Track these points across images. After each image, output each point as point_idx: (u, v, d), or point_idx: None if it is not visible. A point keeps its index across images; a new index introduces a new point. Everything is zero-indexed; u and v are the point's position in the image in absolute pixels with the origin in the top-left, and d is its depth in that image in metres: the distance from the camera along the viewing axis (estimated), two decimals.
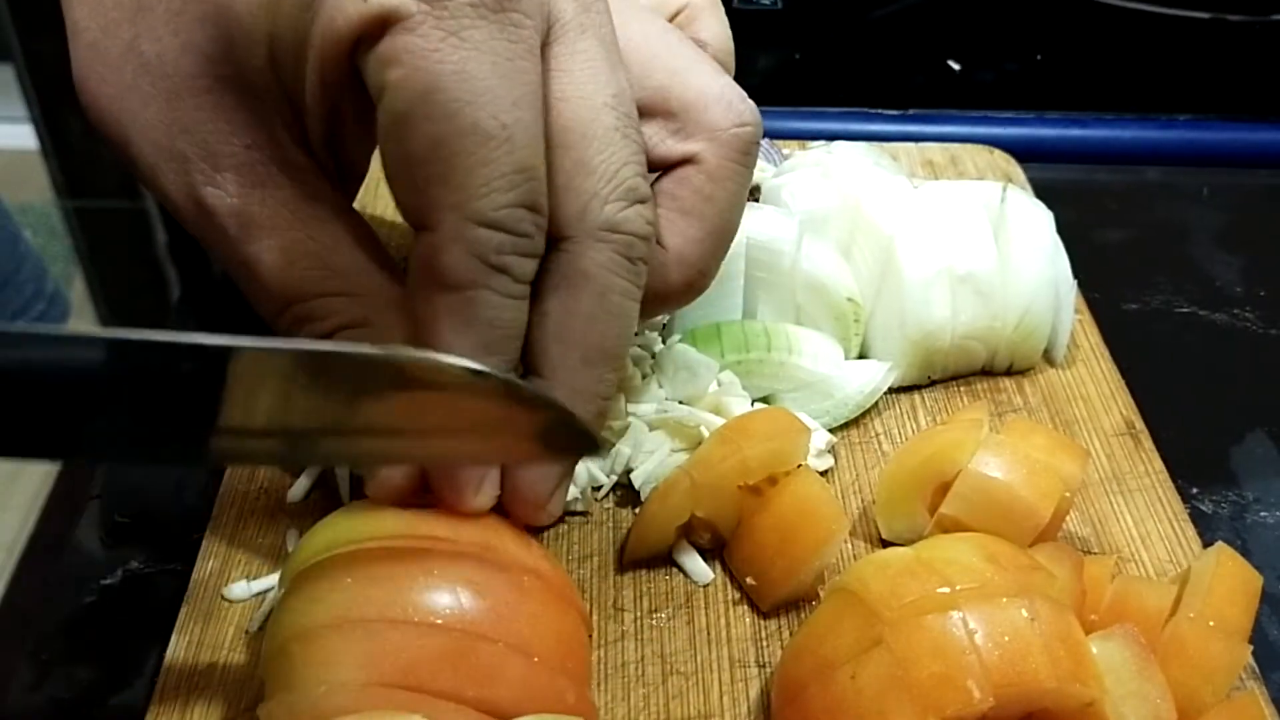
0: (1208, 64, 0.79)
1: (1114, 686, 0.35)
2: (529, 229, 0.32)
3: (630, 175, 0.34)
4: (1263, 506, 0.48)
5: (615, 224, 0.34)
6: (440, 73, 0.30)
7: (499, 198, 0.31)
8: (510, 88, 0.31)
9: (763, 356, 0.47)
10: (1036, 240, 0.50)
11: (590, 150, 0.33)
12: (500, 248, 0.32)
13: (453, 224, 0.31)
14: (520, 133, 0.31)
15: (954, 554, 0.36)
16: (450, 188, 0.31)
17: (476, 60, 0.30)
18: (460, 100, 0.30)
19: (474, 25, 0.30)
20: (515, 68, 0.31)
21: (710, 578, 0.42)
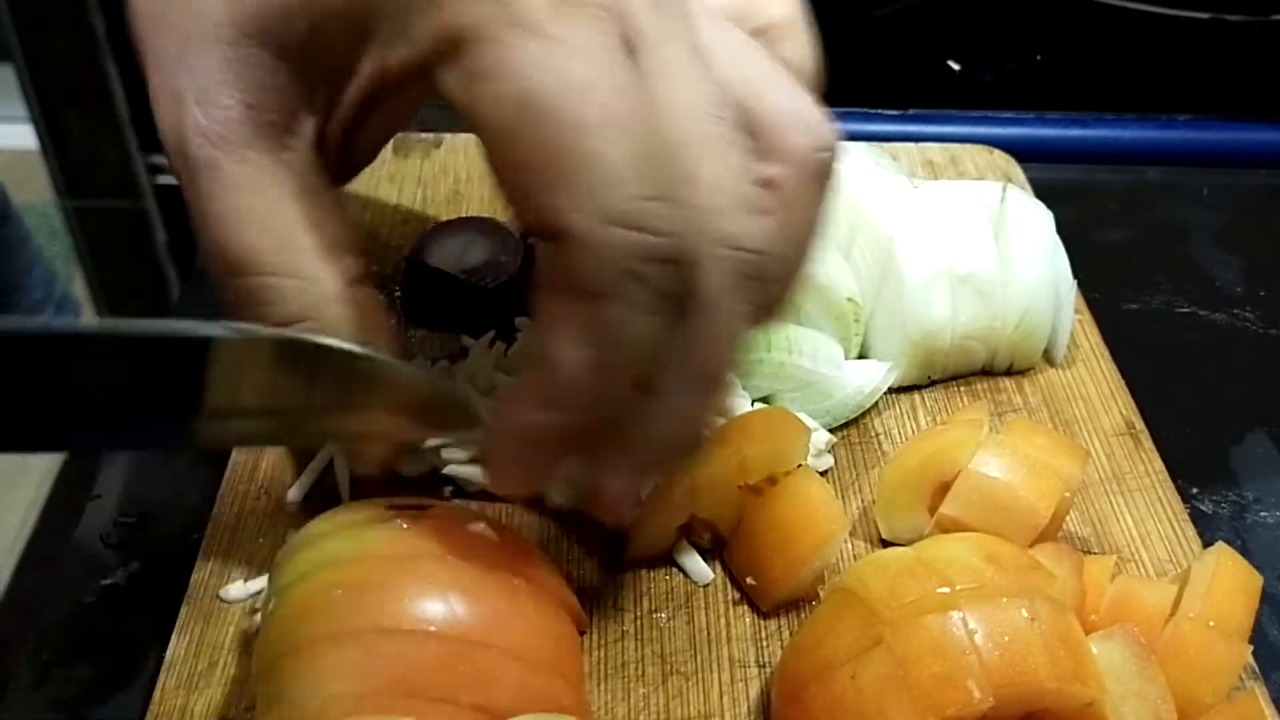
0: (1208, 64, 0.79)
1: (1114, 687, 0.35)
2: (666, 226, 0.29)
3: (745, 186, 0.32)
4: (1263, 506, 0.48)
5: (732, 239, 0.31)
6: (531, 75, 0.28)
7: (628, 187, 0.28)
8: (608, 75, 0.29)
9: (763, 356, 0.47)
10: (1036, 240, 0.50)
11: (702, 161, 0.31)
12: (635, 249, 0.29)
13: (582, 228, 0.29)
14: (627, 117, 0.28)
15: (954, 554, 0.36)
16: (571, 189, 0.28)
17: (565, 53, 0.28)
18: (558, 95, 0.28)
19: (558, 22, 0.28)
20: (607, 57, 0.29)
21: (710, 578, 0.42)
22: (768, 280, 0.34)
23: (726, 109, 0.32)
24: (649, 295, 0.29)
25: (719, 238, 0.31)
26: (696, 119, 0.31)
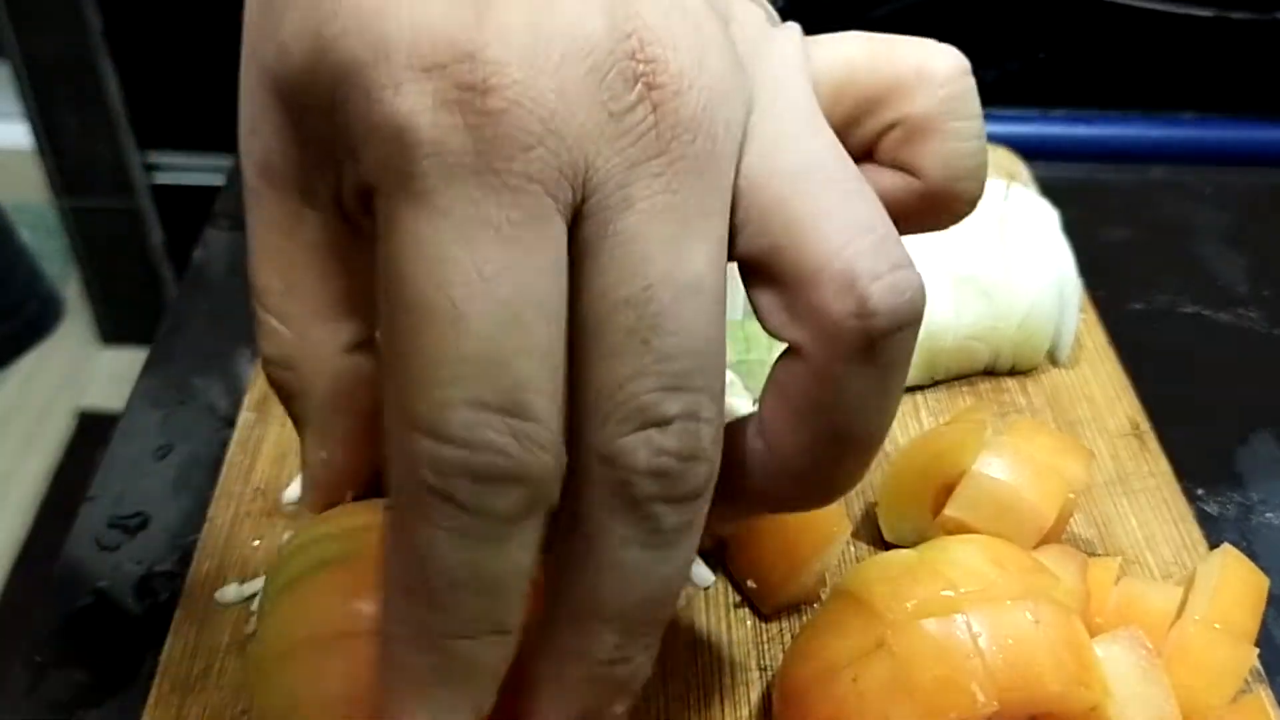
0: (1213, 62, 0.78)
1: (1119, 690, 0.34)
2: (492, 440, 0.24)
3: (640, 392, 0.25)
4: (1269, 508, 0.48)
5: (611, 455, 0.26)
6: (393, 241, 0.25)
7: (439, 394, 0.24)
8: (481, 259, 0.24)
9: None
10: (1041, 239, 0.50)
11: (590, 360, 0.26)
12: (443, 468, 0.24)
13: (393, 424, 0.25)
14: (483, 313, 0.24)
15: (957, 556, 0.36)
16: (391, 376, 0.25)
17: (434, 224, 0.24)
18: (406, 272, 0.24)
19: (441, 186, 0.25)
20: (495, 236, 0.24)
21: (711, 580, 0.42)
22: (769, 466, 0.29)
23: (669, 293, 0.26)
24: (457, 516, 0.25)
25: (595, 451, 0.26)
26: (608, 309, 0.26)
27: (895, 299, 0.27)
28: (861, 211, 0.28)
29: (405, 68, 0.26)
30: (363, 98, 0.26)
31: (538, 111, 0.25)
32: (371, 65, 0.26)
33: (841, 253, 0.27)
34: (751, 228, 0.28)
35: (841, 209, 0.28)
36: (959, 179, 0.33)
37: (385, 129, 0.26)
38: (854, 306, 0.27)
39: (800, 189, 0.28)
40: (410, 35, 0.26)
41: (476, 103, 0.25)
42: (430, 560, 0.25)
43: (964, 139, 0.33)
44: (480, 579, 0.25)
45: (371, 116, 0.26)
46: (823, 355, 0.27)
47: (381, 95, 0.26)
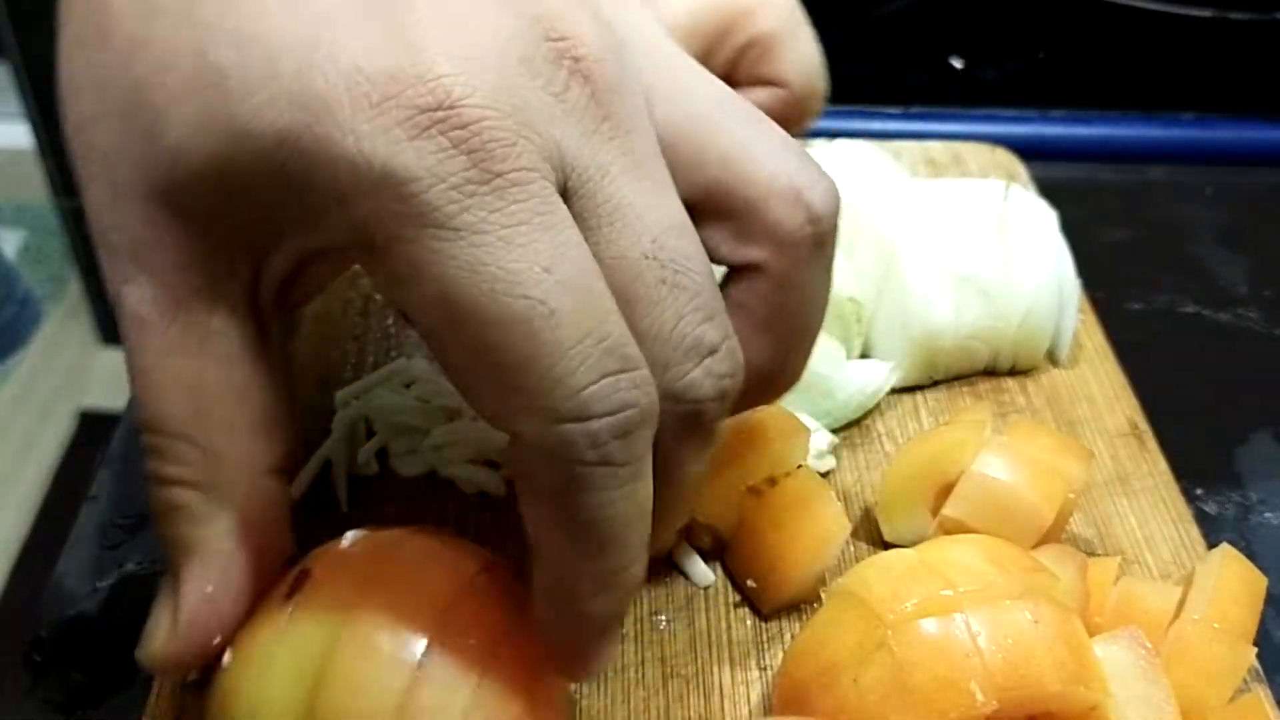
0: (1212, 62, 0.78)
1: (1118, 689, 0.35)
2: (622, 398, 0.27)
3: (690, 329, 0.29)
4: (1268, 508, 0.48)
5: (679, 393, 0.29)
6: (443, 276, 0.26)
7: (570, 381, 0.26)
8: (532, 255, 0.26)
9: None
10: (1040, 239, 0.50)
11: (636, 316, 0.28)
12: (594, 439, 0.27)
13: (533, 430, 0.27)
14: (563, 298, 0.26)
15: (957, 556, 0.36)
16: (514, 390, 0.27)
17: (479, 244, 0.26)
18: (478, 295, 0.26)
19: (463, 207, 0.26)
20: (531, 229, 0.26)
21: (711, 580, 0.42)
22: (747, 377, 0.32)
23: (676, 233, 0.29)
24: (615, 472, 0.28)
25: (662, 393, 0.29)
26: (634, 269, 0.28)
27: (832, 200, 0.32)
28: (775, 135, 0.32)
29: (356, 112, 0.26)
30: (318, 159, 0.26)
31: (502, 109, 0.26)
32: (315, 123, 0.26)
33: (779, 174, 0.31)
34: (683, 172, 0.31)
35: (760, 137, 0.31)
36: (814, 78, 0.39)
37: (369, 178, 0.26)
38: (804, 216, 0.31)
39: (719, 128, 0.31)
40: (345, 81, 0.26)
41: (451, 119, 0.26)
42: (606, 519, 0.28)
43: (808, 42, 0.39)
44: (642, 511, 0.29)
45: (342, 174, 0.26)
46: (784, 263, 0.31)
47: (343, 148, 0.26)
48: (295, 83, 0.26)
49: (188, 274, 0.30)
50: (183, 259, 0.30)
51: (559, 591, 0.30)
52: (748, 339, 0.32)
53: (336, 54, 0.26)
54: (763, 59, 0.38)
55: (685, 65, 0.32)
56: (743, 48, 0.38)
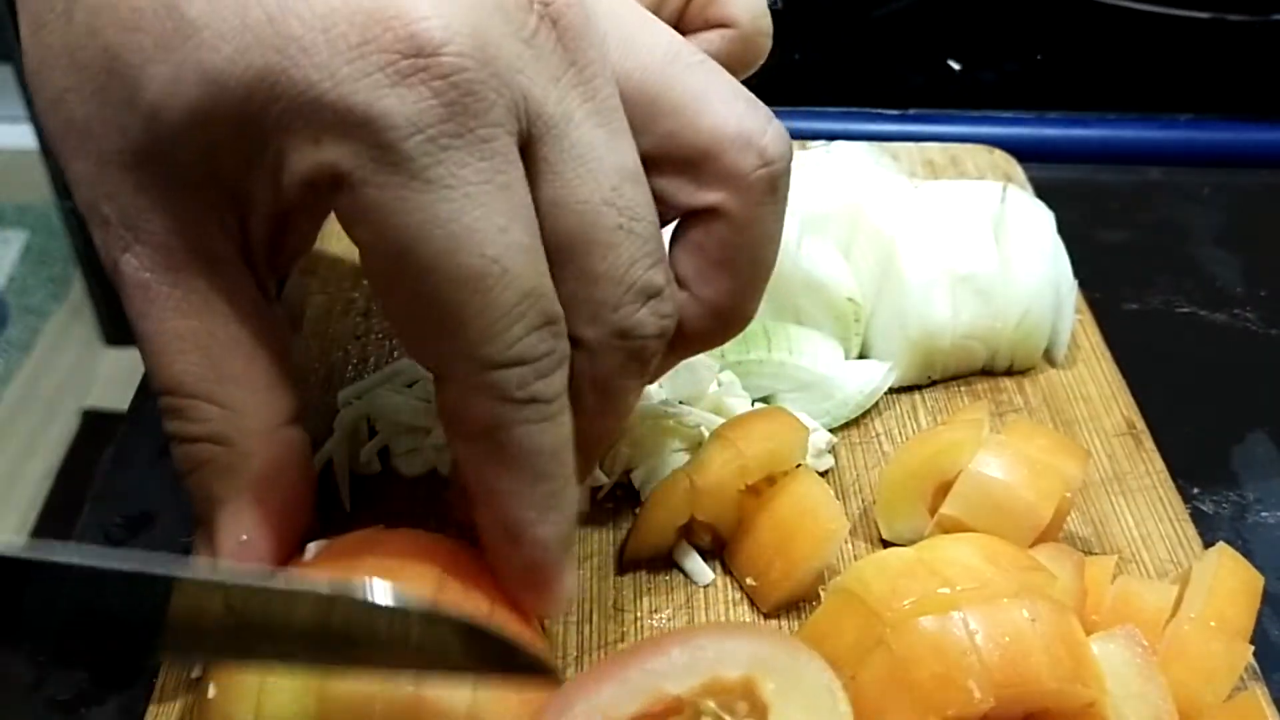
0: (1208, 64, 0.79)
1: (1115, 687, 0.35)
2: (548, 347, 0.30)
3: (640, 274, 0.31)
4: (1264, 507, 0.48)
5: (627, 330, 0.32)
6: (408, 225, 0.27)
7: (508, 335, 0.29)
8: (493, 214, 0.28)
9: (763, 356, 0.47)
10: (1037, 240, 0.50)
11: (593, 258, 0.30)
12: (522, 381, 0.29)
13: (466, 373, 0.29)
14: (514, 258, 0.28)
15: (955, 554, 0.36)
16: (454, 338, 0.29)
17: (448, 199, 0.27)
18: (439, 250, 0.27)
19: (436, 162, 0.27)
20: (494, 188, 0.28)
21: (710, 578, 0.42)
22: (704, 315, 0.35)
23: (632, 180, 0.31)
24: (541, 408, 0.30)
25: (612, 330, 0.31)
26: (593, 213, 0.30)
27: (783, 143, 0.33)
28: (725, 83, 0.33)
29: (334, 55, 0.26)
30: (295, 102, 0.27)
31: (479, 57, 0.27)
32: (293, 67, 0.26)
33: (730, 121, 0.33)
34: (640, 121, 0.32)
35: (712, 86, 0.33)
36: (760, 16, 0.40)
37: (348, 120, 0.26)
38: (757, 159, 0.33)
39: (673, 78, 0.33)
40: (322, 23, 0.26)
41: (432, 68, 0.26)
42: (537, 448, 0.30)
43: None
44: (566, 440, 0.31)
45: (322, 114, 0.27)
46: (740, 205, 0.33)
47: (322, 89, 0.26)
48: (269, 28, 0.27)
49: (183, 235, 0.30)
50: (176, 221, 0.30)
51: (506, 525, 0.31)
52: (707, 279, 0.35)
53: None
54: (711, 3, 0.40)
55: (639, 16, 0.33)
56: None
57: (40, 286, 1.59)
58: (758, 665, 0.29)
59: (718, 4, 0.40)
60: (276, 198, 0.30)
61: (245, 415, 0.32)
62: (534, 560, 0.32)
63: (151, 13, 0.28)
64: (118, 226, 0.30)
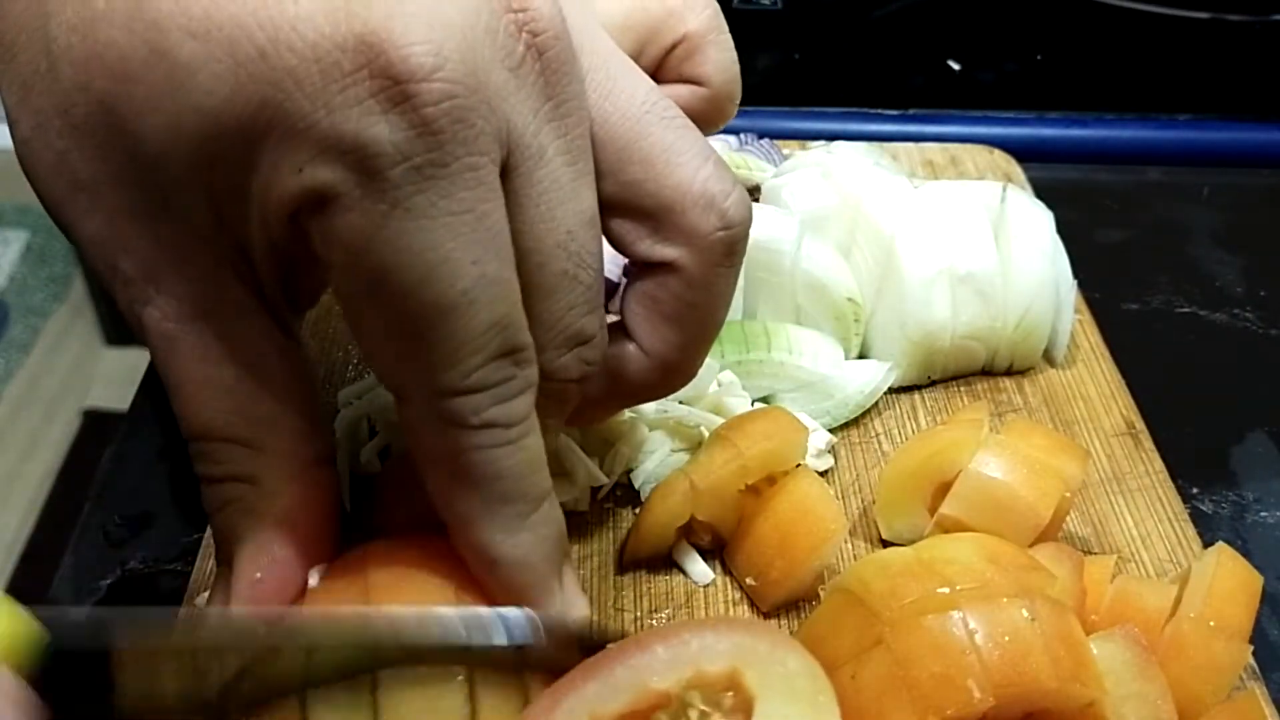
0: (1208, 64, 0.79)
1: (1114, 687, 0.35)
2: (507, 374, 0.30)
3: (574, 320, 0.32)
4: (1263, 506, 0.48)
5: (550, 372, 0.32)
6: (386, 252, 0.27)
7: (466, 365, 0.29)
8: (470, 245, 0.28)
9: (763, 356, 0.47)
10: (1037, 240, 0.50)
11: (533, 299, 0.31)
12: (478, 408, 0.29)
13: (424, 399, 0.29)
14: (485, 290, 0.28)
15: (954, 554, 0.36)
16: (415, 363, 0.29)
17: (428, 229, 0.27)
18: (414, 278, 0.27)
19: (419, 190, 0.27)
20: (474, 218, 0.28)
21: (710, 578, 0.42)
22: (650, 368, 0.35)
23: (587, 226, 0.31)
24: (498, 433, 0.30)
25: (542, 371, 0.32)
26: (546, 254, 0.30)
27: (744, 209, 0.34)
28: (696, 141, 0.34)
29: (329, 83, 0.26)
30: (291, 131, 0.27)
31: (468, 84, 0.27)
32: (288, 98, 0.26)
33: (697, 180, 0.33)
34: (608, 165, 0.33)
35: (683, 142, 0.33)
36: (732, 80, 0.41)
37: (337, 145, 0.27)
38: (718, 222, 0.33)
39: (646, 128, 0.33)
40: (314, 51, 0.26)
41: (423, 95, 0.26)
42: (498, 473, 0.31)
43: (729, 47, 0.41)
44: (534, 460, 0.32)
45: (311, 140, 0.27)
46: (697, 264, 0.34)
47: (316, 118, 0.26)
48: (262, 63, 0.27)
49: (202, 285, 0.30)
50: (192, 272, 0.30)
51: (474, 547, 0.32)
52: (656, 332, 0.35)
53: (300, 26, 0.26)
54: (688, 59, 0.40)
55: (621, 63, 0.33)
56: (670, 47, 0.40)
57: (40, 286, 1.59)
58: (739, 657, 0.29)
59: (694, 61, 0.41)
60: (268, 231, 0.29)
61: (274, 455, 0.32)
62: (510, 580, 0.32)
63: (141, 61, 0.27)
64: (139, 281, 0.30)
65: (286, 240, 0.30)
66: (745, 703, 0.29)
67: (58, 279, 1.61)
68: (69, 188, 0.30)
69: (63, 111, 0.29)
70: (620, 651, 0.30)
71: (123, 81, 0.28)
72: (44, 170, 0.30)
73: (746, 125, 0.64)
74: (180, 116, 0.27)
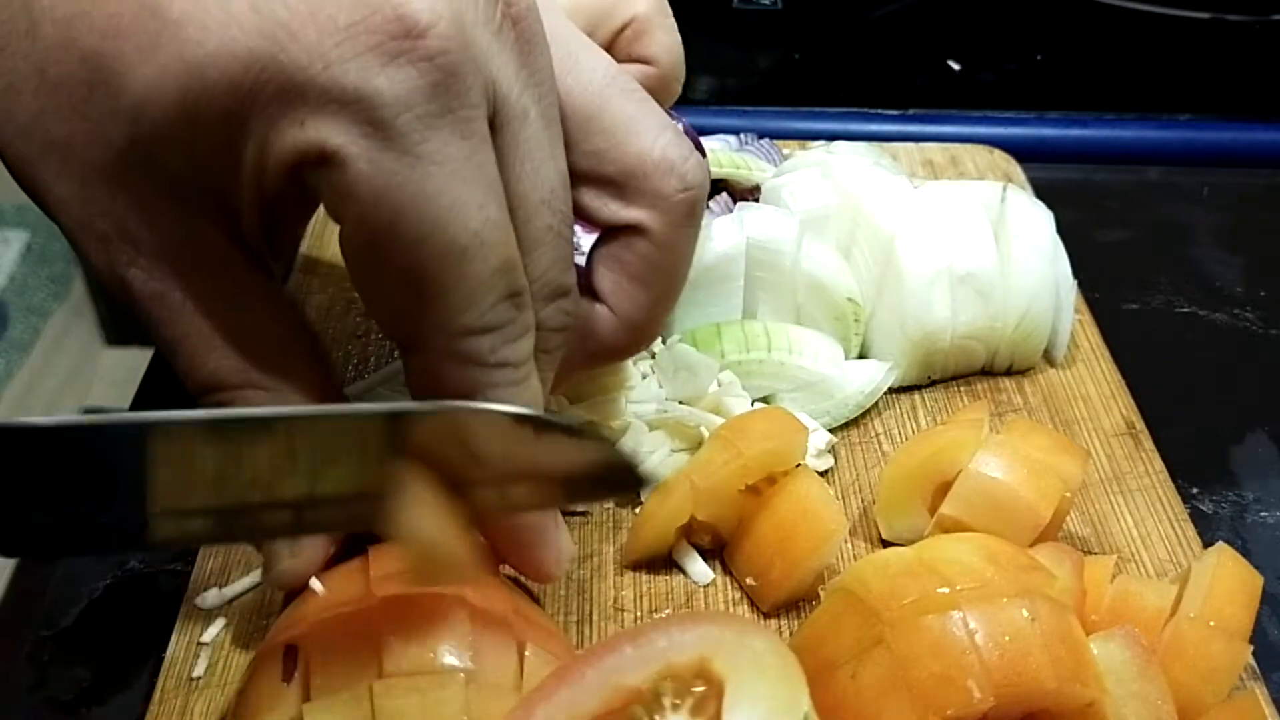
0: (1208, 64, 0.79)
1: (1114, 687, 0.35)
2: (514, 315, 0.31)
3: (556, 275, 0.33)
4: (1263, 506, 0.48)
5: (540, 323, 0.33)
6: (400, 200, 0.28)
7: (483, 304, 0.30)
8: (474, 189, 0.29)
9: (763, 356, 0.47)
10: (1037, 240, 0.50)
11: (522, 251, 0.32)
12: (493, 347, 0.31)
13: (441, 343, 0.30)
14: (491, 232, 0.29)
15: (954, 554, 0.36)
16: (433, 309, 0.30)
17: (436, 175, 0.28)
18: (428, 223, 0.28)
19: (424, 138, 0.28)
20: (475, 165, 0.29)
21: (710, 578, 0.42)
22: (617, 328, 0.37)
23: (564, 188, 0.33)
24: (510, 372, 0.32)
25: None
26: (531, 210, 0.32)
27: (702, 173, 0.36)
28: (655, 112, 0.36)
29: (324, 37, 0.27)
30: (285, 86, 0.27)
31: (460, 40, 0.28)
32: (281, 52, 0.27)
33: (657, 147, 0.35)
34: (573, 136, 0.34)
35: (642, 113, 0.35)
36: (678, 61, 0.44)
37: (339, 100, 0.27)
38: (679, 184, 0.35)
39: (608, 100, 0.35)
40: (309, 6, 0.27)
41: (419, 49, 0.27)
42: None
43: (674, 30, 0.44)
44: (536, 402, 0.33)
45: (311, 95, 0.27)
46: (661, 225, 0.35)
47: (313, 72, 0.27)
48: (254, 17, 0.27)
49: (183, 239, 0.31)
50: (172, 227, 0.30)
51: None
52: (625, 293, 0.37)
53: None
54: (637, 39, 0.43)
55: (580, 40, 0.35)
56: (619, 29, 0.43)
57: (40, 286, 1.59)
58: (706, 646, 0.30)
59: (642, 42, 0.43)
60: (260, 185, 0.30)
61: (290, 393, 0.33)
62: (523, 520, 0.34)
63: (131, 16, 0.28)
64: (117, 242, 0.30)
65: (279, 193, 0.30)
66: (716, 689, 0.29)
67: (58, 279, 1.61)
68: (41, 149, 0.30)
69: (40, 70, 0.29)
70: (589, 655, 0.30)
71: (111, 38, 0.28)
72: (14, 131, 0.30)
73: (746, 125, 0.64)
74: (167, 68, 0.28)
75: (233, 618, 0.40)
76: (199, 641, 0.39)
